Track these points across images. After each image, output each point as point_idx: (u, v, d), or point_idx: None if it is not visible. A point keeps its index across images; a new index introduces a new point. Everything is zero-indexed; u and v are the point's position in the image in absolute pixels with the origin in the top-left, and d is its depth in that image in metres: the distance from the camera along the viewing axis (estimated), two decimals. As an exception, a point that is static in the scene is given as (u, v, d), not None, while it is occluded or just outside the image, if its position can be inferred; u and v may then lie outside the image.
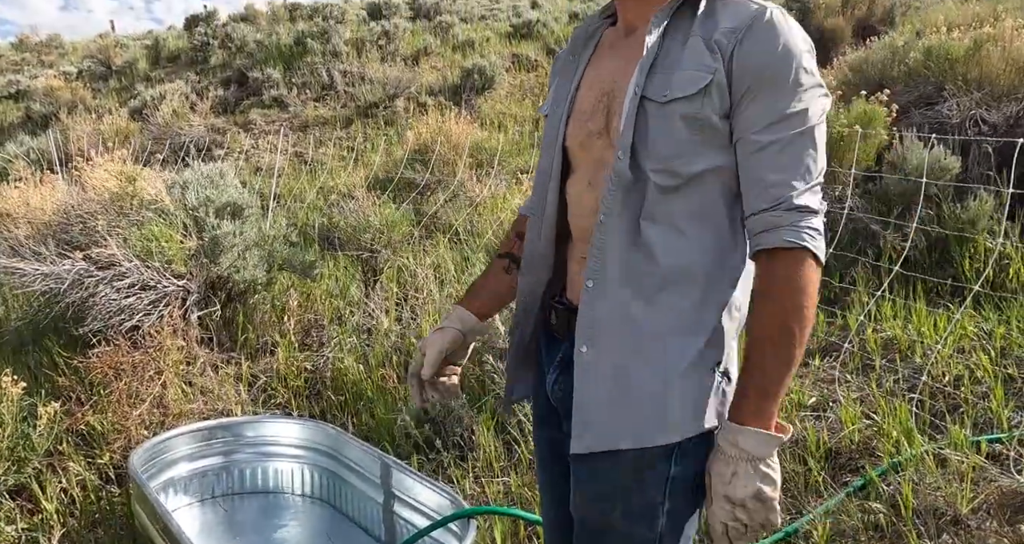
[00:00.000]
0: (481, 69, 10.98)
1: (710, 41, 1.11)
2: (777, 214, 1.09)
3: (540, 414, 1.44)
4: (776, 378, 1.09)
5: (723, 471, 1.10)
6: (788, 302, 1.08)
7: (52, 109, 12.16)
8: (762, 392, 1.09)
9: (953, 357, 3.08)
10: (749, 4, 1.13)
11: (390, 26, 13.57)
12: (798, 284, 1.08)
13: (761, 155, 1.09)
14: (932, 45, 5.29)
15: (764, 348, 1.09)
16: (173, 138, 9.75)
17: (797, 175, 1.09)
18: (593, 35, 1.34)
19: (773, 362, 1.09)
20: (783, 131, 1.09)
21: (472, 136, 7.67)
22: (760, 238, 1.11)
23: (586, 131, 1.25)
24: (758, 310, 1.11)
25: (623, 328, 1.17)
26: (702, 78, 1.10)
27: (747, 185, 1.12)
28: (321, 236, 5.77)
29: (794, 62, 1.09)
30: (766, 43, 1.09)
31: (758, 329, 1.11)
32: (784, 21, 1.11)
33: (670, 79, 1.12)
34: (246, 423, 2.84)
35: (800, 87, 1.09)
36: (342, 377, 3.60)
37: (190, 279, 3.74)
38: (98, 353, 3.22)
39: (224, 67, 13.42)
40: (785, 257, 1.09)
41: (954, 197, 3.96)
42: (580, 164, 1.28)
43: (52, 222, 4.22)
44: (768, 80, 1.09)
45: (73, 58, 17.19)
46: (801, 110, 1.09)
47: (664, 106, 1.12)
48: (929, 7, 11.29)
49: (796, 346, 1.09)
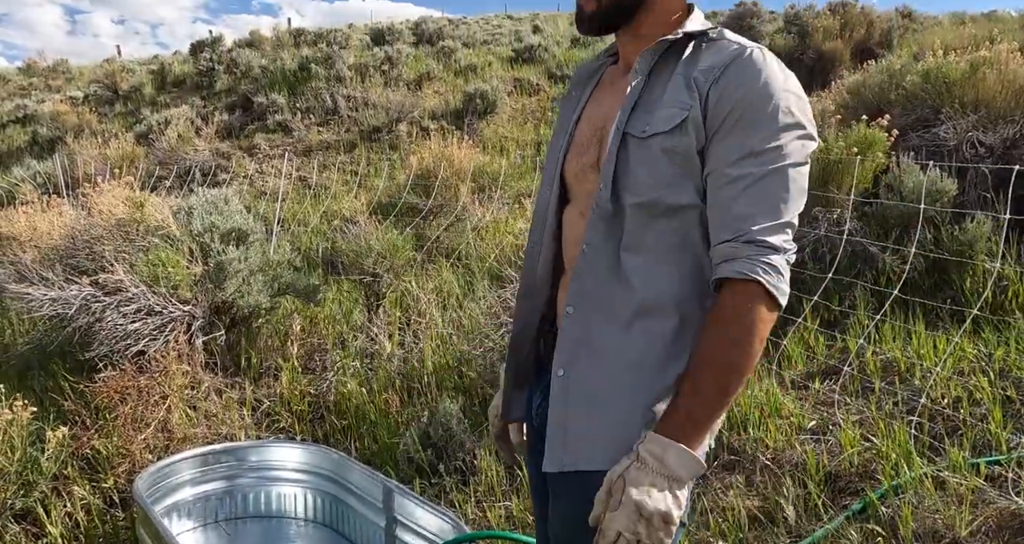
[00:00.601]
0: (483, 93, 11.08)
1: (689, 79, 1.14)
2: (736, 246, 1.09)
3: (531, 440, 1.46)
4: (707, 404, 1.09)
5: (639, 479, 1.07)
6: (732, 333, 1.08)
7: (58, 133, 12.27)
8: (691, 416, 1.08)
9: (952, 379, 3.09)
10: (732, 44, 1.16)
11: (393, 51, 13.71)
12: (746, 317, 1.08)
13: (729, 188, 1.10)
14: (929, 68, 5.34)
15: (702, 373, 1.09)
16: (178, 162, 9.84)
17: (763, 211, 1.09)
18: (596, 72, 1.39)
19: (707, 389, 1.08)
20: (754, 166, 1.09)
21: (474, 160, 7.74)
22: (718, 268, 1.11)
23: (581, 164, 1.29)
24: (703, 335, 1.11)
25: (599, 354, 1.19)
26: (679, 114, 1.12)
27: (712, 217, 1.13)
28: (324, 261, 5.81)
29: (771, 100, 1.09)
30: (743, 80, 1.10)
31: (698, 354, 1.11)
32: (764, 60, 1.12)
33: (651, 116, 1.15)
34: (249, 448, 2.86)
35: (776, 124, 1.09)
36: (345, 401, 3.62)
37: (195, 304, 3.78)
38: (104, 378, 3.25)
39: (229, 92, 13.55)
40: (737, 289, 1.08)
41: (952, 220, 3.99)
42: (576, 195, 1.31)
43: (59, 247, 4.27)
44: (742, 116, 1.09)
45: (80, 83, 17.35)
46: (774, 147, 1.09)
47: (644, 141, 1.15)
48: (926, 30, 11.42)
49: (733, 378, 1.08)
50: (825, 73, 9.32)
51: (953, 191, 4.05)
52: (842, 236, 3.76)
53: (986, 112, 4.77)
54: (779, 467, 2.74)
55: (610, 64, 1.38)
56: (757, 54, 1.13)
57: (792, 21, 11.37)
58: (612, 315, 1.19)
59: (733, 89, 1.10)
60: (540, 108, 11.35)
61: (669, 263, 1.17)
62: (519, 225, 6.05)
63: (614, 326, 1.18)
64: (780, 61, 1.15)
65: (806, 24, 10.72)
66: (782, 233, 1.10)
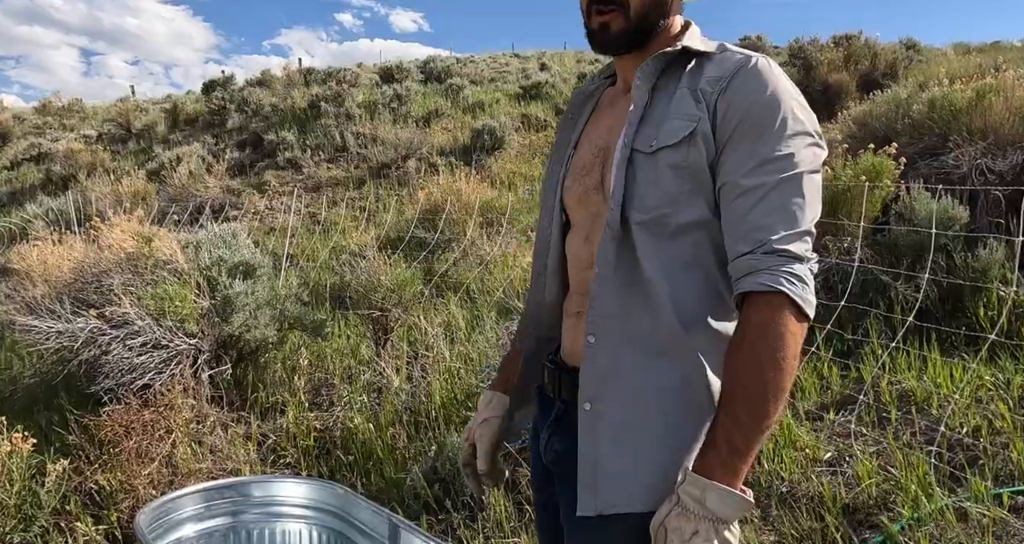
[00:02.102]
0: (491, 129, 11.17)
1: (695, 91, 1.12)
2: (756, 258, 1.04)
3: (537, 477, 1.40)
4: (748, 433, 1.01)
5: (683, 527, 1.00)
6: (763, 351, 1.01)
7: (72, 171, 12.40)
8: (732, 447, 1.01)
9: (971, 408, 3.03)
10: (735, 55, 1.14)
11: (402, 89, 13.88)
12: (775, 332, 1.01)
13: (743, 199, 1.06)
14: (935, 97, 5.36)
15: (737, 401, 1.02)
16: (189, 199, 9.91)
17: (780, 220, 1.04)
18: (593, 95, 1.37)
19: (746, 416, 1.01)
20: (767, 175, 1.05)
21: (482, 195, 7.77)
22: (739, 283, 1.06)
23: (584, 186, 1.25)
24: (732, 359, 1.05)
25: (626, 384, 1.13)
26: (686, 126, 1.09)
27: (729, 230, 1.08)
28: (332, 295, 5.80)
29: (781, 108, 1.07)
30: (750, 90, 1.08)
31: (731, 380, 1.04)
32: (770, 68, 1.10)
33: (658, 130, 1.12)
34: (254, 483, 2.81)
35: (786, 132, 1.06)
36: (352, 436, 3.58)
37: (202, 338, 3.76)
38: (109, 411, 3.22)
39: (240, 130, 13.72)
40: (761, 302, 1.03)
41: (964, 246, 3.95)
42: (578, 219, 1.28)
43: (68, 281, 4.27)
44: (752, 125, 1.07)
45: (94, 121, 17.59)
46: (787, 154, 1.06)
47: (651, 156, 1.11)
48: (931, 60, 11.49)
49: (772, 400, 1.01)
50: (831, 105, 9.36)
51: (965, 218, 4.02)
52: (853, 265, 3.73)
53: (994, 139, 4.77)
54: (795, 500, 2.67)
55: (607, 86, 1.36)
56: (763, 63, 1.11)
57: (797, 54, 11.47)
58: (635, 341, 1.13)
59: (741, 99, 1.08)
60: (547, 144, 11.43)
61: (684, 282, 1.12)
62: (527, 259, 6.04)
63: (638, 353, 1.13)
64: (776, 65, 1.14)
65: (811, 57, 10.81)
66: (802, 241, 1.05)
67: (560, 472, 1.26)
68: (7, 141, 16.18)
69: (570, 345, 1.27)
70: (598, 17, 1.19)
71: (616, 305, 1.14)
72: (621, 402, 1.13)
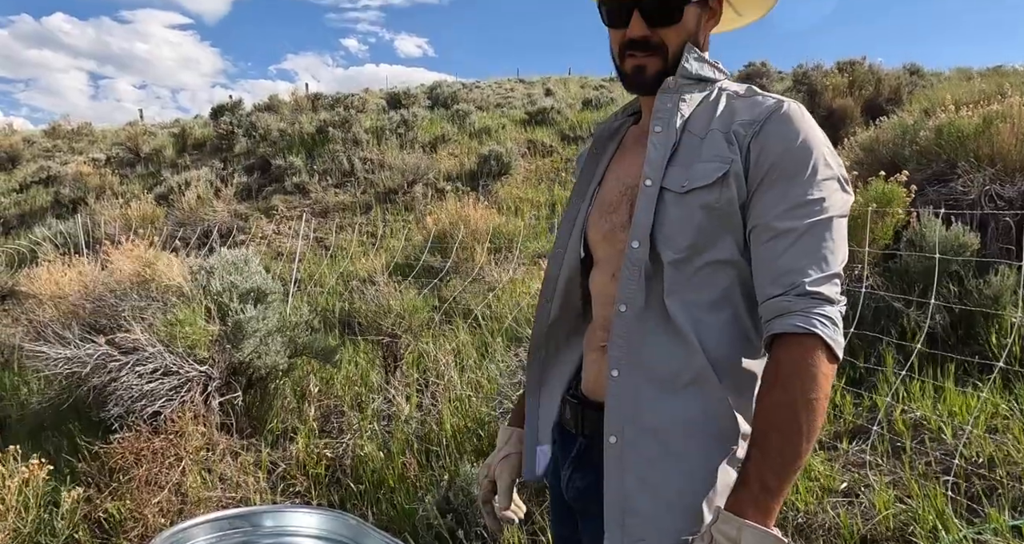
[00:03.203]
0: (497, 155, 11.22)
1: (728, 133, 1.13)
2: (789, 300, 1.05)
3: (558, 512, 1.40)
4: (781, 472, 1.02)
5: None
6: (797, 392, 1.02)
7: (81, 194, 12.47)
8: (765, 486, 1.01)
9: (985, 437, 3.00)
10: (768, 98, 1.16)
11: (409, 115, 13.98)
12: (808, 373, 1.02)
13: (776, 242, 1.08)
14: (942, 124, 5.38)
15: (770, 440, 1.03)
16: (197, 223, 9.95)
17: (812, 263, 1.06)
18: (617, 132, 1.38)
19: (779, 455, 1.02)
20: (799, 219, 1.07)
21: (490, 221, 7.78)
22: (771, 324, 1.07)
23: (611, 223, 1.26)
24: (765, 399, 1.05)
25: (650, 419, 1.13)
26: (719, 168, 1.11)
27: (760, 272, 1.10)
28: (342, 321, 5.80)
29: (813, 153, 1.09)
30: (784, 134, 1.10)
31: (764, 419, 1.04)
32: (802, 115, 1.12)
33: (689, 171, 1.13)
34: (265, 513, 2.78)
35: (817, 176, 1.08)
36: (362, 465, 3.55)
37: (212, 364, 3.75)
38: (119, 438, 3.21)
39: (248, 155, 13.80)
40: (794, 344, 1.04)
41: (975, 273, 3.94)
42: (603, 255, 1.28)
43: (77, 306, 4.28)
44: (785, 169, 1.09)
45: (102, 145, 17.68)
46: (818, 199, 1.07)
47: (683, 196, 1.13)
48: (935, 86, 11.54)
49: (804, 440, 1.02)
50: (836, 130, 9.40)
51: (976, 244, 4.02)
52: (863, 291, 3.72)
53: (1002, 165, 4.78)
54: (812, 531, 2.65)
55: (631, 124, 1.38)
56: (795, 108, 1.13)
57: (801, 80, 11.55)
58: (659, 377, 1.13)
59: (775, 143, 1.10)
60: (554, 169, 11.47)
61: (711, 321, 1.13)
62: (535, 285, 6.04)
63: (663, 389, 1.13)
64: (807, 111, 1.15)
65: (815, 83, 10.88)
66: (832, 284, 1.06)
67: (582, 508, 1.25)
68: (17, 164, 16.30)
69: (593, 380, 1.28)
70: (631, 60, 1.21)
71: (640, 341, 1.14)
72: (646, 437, 1.13)
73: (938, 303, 3.73)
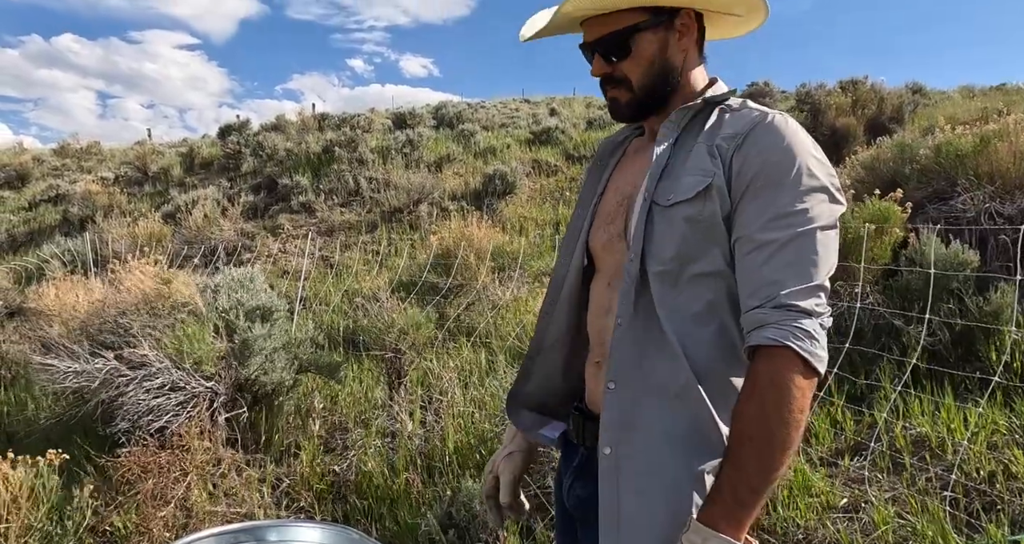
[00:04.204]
0: (502, 175, 11.29)
1: (712, 146, 1.16)
2: (765, 312, 1.05)
3: (560, 520, 1.43)
4: (753, 485, 1.02)
5: None
6: (770, 405, 1.02)
7: (89, 212, 12.56)
8: (737, 498, 1.02)
9: (985, 453, 3.02)
10: (753, 111, 1.18)
11: (414, 135, 14.09)
12: (782, 386, 1.02)
13: (757, 253, 1.08)
14: (940, 142, 5.42)
15: (742, 452, 1.03)
16: (204, 242, 10.02)
17: (792, 275, 1.06)
18: (621, 144, 1.43)
19: (751, 468, 1.02)
20: (781, 230, 1.07)
21: (494, 240, 7.83)
22: (748, 336, 1.08)
23: (608, 234, 1.30)
24: (740, 410, 1.05)
25: (643, 430, 1.14)
26: (701, 181, 1.13)
27: (741, 283, 1.11)
28: (346, 339, 5.83)
29: (796, 163, 1.09)
30: (765, 145, 1.11)
31: (737, 431, 1.04)
32: (786, 124, 1.13)
33: (676, 184, 1.16)
34: (270, 527, 2.81)
35: (801, 187, 1.08)
36: (366, 481, 3.58)
37: (219, 380, 3.79)
38: (126, 453, 3.25)
39: (255, 174, 13.90)
40: (769, 356, 1.04)
41: (975, 290, 3.97)
42: (603, 265, 1.32)
43: (86, 321, 4.33)
44: (767, 180, 1.09)
45: (111, 164, 17.80)
46: (801, 210, 1.07)
47: (668, 209, 1.15)
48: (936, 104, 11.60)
49: (778, 453, 1.01)
50: (839, 149, 9.46)
51: (975, 261, 4.04)
52: (863, 308, 3.74)
53: (1001, 183, 4.81)
54: (811, 546, 2.66)
55: (635, 136, 1.42)
56: (779, 119, 1.14)
57: (804, 99, 11.63)
58: (652, 389, 1.15)
59: (756, 154, 1.11)
60: (558, 188, 11.53)
61: (698, 332, 1.14)
62: (539, 304, 6.06)
63: (655, 400, 1.14)
64: (802, 127, 1.16)
65: (818, 102, 10.95)
66: (814, 297, 1.06)
67: (582, 517, 1.28)
68: (26, 182, 16.44)
69: (592, 392, 1.31)
70: (607, 93, 1.30)
71: (634, 353, 1.16)
72: (640, 448, 1.14)
73: (938, 320, 3.75)
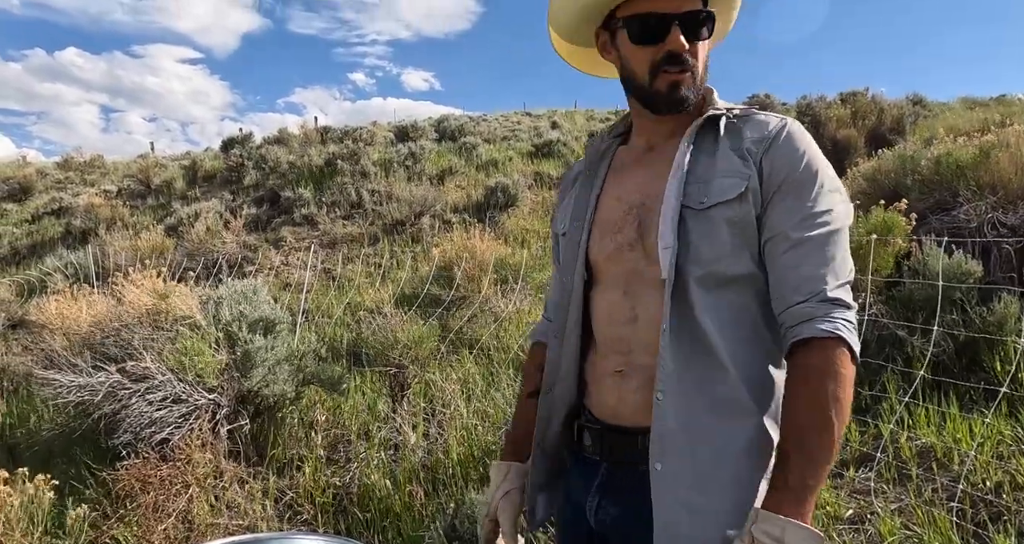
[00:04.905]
0: (504, 187, 11.31)
1: (742, 150, 1.18)
2: (812, 306, 1.10)
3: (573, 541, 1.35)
4: (818, 471, 1.05)
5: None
6: (826, 392, 1.06)
7: (91, 225, 12.59)
8: (804, 484, 1.04)
9: (991, 463, 3.00)
10: (770, 117, 1.22)
11: (416, 147, 14.13)
12: (837, 374, 1.07)
13: (795, 252, 1.13)
14: (941, 153, 5.43)
15: (806, 440, 1.06)
16: (206, 254, 10.04)
17: (830, 270, 1.12)
18: (606, 153, 1.39)
19: (816, 454, 1.05)
20: (814, 229, 1.13)
21: (496, 252, 7.83)
22: (796, 330, 1.11)
23: (616, 243, 1.26)
24: (795, 401, 1.09)
25: (695, 440, 1.13)
26: (739, 184, 1.15)
27: (780, 281, 1.14)
28: (349, 351, 5.82)
29: (817, 166, 1.16)
30: (791, 150, 1.16)
31: (796, 420, 1.08)
32: (803, 131, 1.19)
33: (708, 188, 1.17)
34: (272, 540, 2.80)
35: (823, 189, 1.15)
36: (369, 493, 3.56)
37: (221, 393, 3.79)
38: (127, 465, 3.24)
39: (257, 187, 13.93)
40: (821, 347, 1.08)
41: (979, 301, 3.96)
42: (608, 275, 1.28)
43: (88, 334, 4.33)
44: (796, 182, 1.15)
45: (114, 177, 17.83)
46: (828, 210, 1.14)
47: (703, 212, 1.16)
48: (937, 115, 11.63)
49: (836, 438, 1.06)
50: (840, 161, 9.47)
51: (979, 272, 4.04)
52: (867, 319, 3.74)
53: (1003, 193, 4.81)
54: (817, 558, 2.64)
55: (618, 144, 1.39)
56: (798, 127, 1.20)
57: (804, 111, 11.66)
58: (699, 396, 1.14)
59: (785, 157, 1.16)
60: (560, 200, 11.53)
61: (735, 334, 1.16)
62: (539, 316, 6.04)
63: (705, 408, 1.14)
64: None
65: (818, 114, 10.98)
66: (848, 291, 1.13)
67: (623, 536, 1.23)
68: (29, 195, 16.49)
69: (614, 404, 1.25)
70: (666, 77, 1.21)
71: (680, 360, 1.15)
72: (692, 459, 1.13)
73: (942, 330, 3.74)
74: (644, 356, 1.21)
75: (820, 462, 1.05)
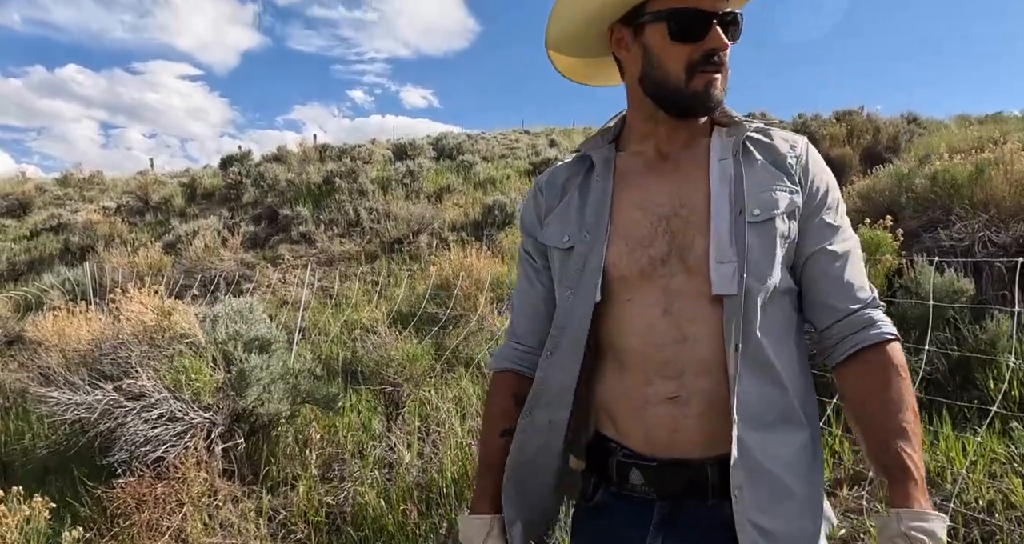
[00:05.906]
0: (502, 205, 11.34)
1: (781, 165, 1.21)
2: (869, 312, 1.17)
3: None
4: (920, 455, 1.10)
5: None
6: (904, 387, 1.13)
7: (90, 242, 12.62)
8: (920, 472, 1.08)
9: (984, 482, 3.01)
10: (788, 134, 1.26)
11: (414, 166, 14.19)
12: (905, 369, 1.14)
13: (838, 263, 1.18)
14: (936, 171, 5.47)
15: (906, 430, 1.10)
16: (204, 271, 10.06)
17: (865, 280, 1.20)
18: (608, 161, 1.29)
19: (917, 443, 1.10)
20: (848, 243, 1.20)
21: (493, 270, 7.85)
22: (860, 335, 1.16)
23: (647, 257, 1.18)
24: (882, 401, 1.12)
25: (769, 460, 1.11)
26: (787, 198, 1.18)
27: (830, 291, 1.18)
28: (344, 370, 5.83)
29: (834, 183, 1.25)
30: (821, 168, 1.24)
31: (891, 418, 1.11)
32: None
33: (757, 200, 1.16)
34: (265, 558, 2.81)
35: (841, 205, 1.23)
36: (363, 512, 3.56)
37: (216, 411, 3.79)
38: (122, 483, 3.24)
39: (256, 204, 13.98)
40: (888, 348, 1.15)
41: (971, 319, 3.98)
42: (639, 292, 1.19)
43: (85, 352, 4.33)
44: (826, 198, 1.21)
45: (113, 193, 17.87)
46: (848, 225, 1.23)
47: (758, 225, 1.14)
48: (933, 134, 11.69)
49: (919, 424, 1.13)
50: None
51: (971, 290, 4.06)
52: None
53: (996, 211, 4.85)
54: (810, 577, 2.64)
55: (615, 152, 1.30)
56: (811, 145, 1.28)
57: (800, 129, 11.73)
58: (770, 415, 1.13)
59: (817, 173, 1.22)
60: (557, 217, 11.56)
61: (786, 348, 1.17)
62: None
63: (766, 429, 1.12)
64: None
65: (814, 132, 11.05)
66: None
67: None
68: (28, 211, 16.54)
69: (669, 435, 1.16)
70: (703, 76, 1.16)
71: (750, 381, 1.12)
72: (768, 482, 1.11)
73: (934, 349, 3.76)
74: (700, 379, 1.14)
75: (919, 448, 1.10)
